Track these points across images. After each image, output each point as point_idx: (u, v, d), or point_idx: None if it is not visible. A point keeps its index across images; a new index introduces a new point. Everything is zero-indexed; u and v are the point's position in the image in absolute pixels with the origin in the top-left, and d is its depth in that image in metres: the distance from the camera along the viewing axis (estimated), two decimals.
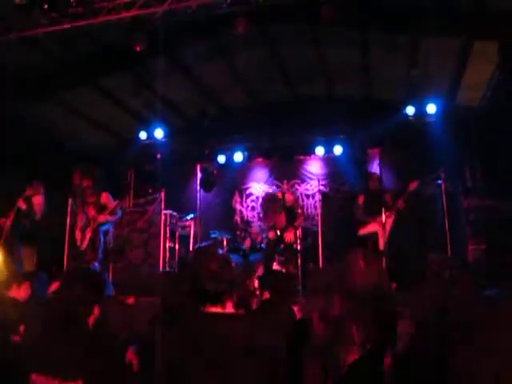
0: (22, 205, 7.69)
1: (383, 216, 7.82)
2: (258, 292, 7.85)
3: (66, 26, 7.16)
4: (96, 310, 2.71)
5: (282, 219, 8.03)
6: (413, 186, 8.09)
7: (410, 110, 10.23)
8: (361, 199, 8.41)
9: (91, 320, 2.68)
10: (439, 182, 8.73)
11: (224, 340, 2.20)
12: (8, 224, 7.62)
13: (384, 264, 7.22)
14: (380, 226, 7.91)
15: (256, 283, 8.02)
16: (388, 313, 2.56)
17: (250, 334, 2.22)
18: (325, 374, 2.49)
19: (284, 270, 7.76)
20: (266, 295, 4.35)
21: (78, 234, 7.70)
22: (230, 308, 2.32)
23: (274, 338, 2.32)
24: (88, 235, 7.58)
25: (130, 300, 5.23)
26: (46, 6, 6.98)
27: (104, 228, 7.79)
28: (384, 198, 8.22)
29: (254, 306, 4.63)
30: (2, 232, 7.63)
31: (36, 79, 8.95)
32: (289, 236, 7.86)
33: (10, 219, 7.63)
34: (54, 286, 5.17)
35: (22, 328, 4.60)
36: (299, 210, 8.13)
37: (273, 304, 3.98)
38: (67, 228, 9.48)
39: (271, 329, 2.40)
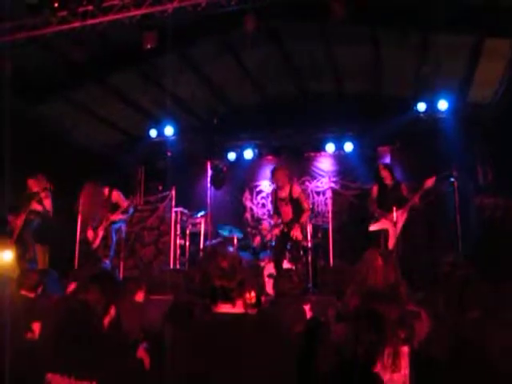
0: (37, 206, 7.77)
1: (394, 214, 7.70)
2: (267, 289, 7.89)
3: (76, 24, 7.19)
4: (112, 311, 2.72)
5: (288, 211, 7.96)
6: (429, 182, 7.70)
7: (422, 107, 10.18)
8: (375, 191, 8.22)
9: (107, 320, 2.69)
10: (451, 179, 8.65)
11: (234, 340, 2.20)
12: (19, 223, 7.68)
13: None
14: (391, 224, 7.77)
15: (266, 280, 8.05)
16: (406, 312, 2.55)
17: (260, 334, 2.21)
18: (340, 374, 2.48)
19: (294, 268, 7.73)
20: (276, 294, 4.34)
21: (90, 233, 7.73)
22: (240, 307, 2.31)
23: (284, 337, 2.31)
24: (100, 233, 7.62)
25: (139, 297, 5.22)
26: (56, 5, 7.00)
27: (116, 226, 7.82)
28: (400, 190, 8.05)
29: (265, 304, 4.63)
30: (13, 231, 7.69)
31: (46, 78, 8.98)
32: (296, 234, 7.76)
33: (22, 218, 7.69)
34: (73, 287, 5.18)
35: (35, 325, 4.63)
36: (305, 205, 8.00)
37: (282, 303, 3.96)
38: (78, 226, 9.55)
39: (281, 328, 2.39)
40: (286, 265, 8.00)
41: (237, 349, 2.16)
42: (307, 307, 4.01)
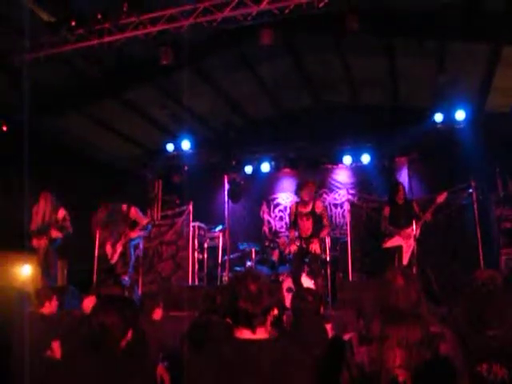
0: (58, 234, 7.84)
1: (409, 230, 7.67)
2: (286, 304, 7.82)
3: (94, 41, 7.26)
4: (129, 334, 2.70)
5: (308, 226, 7.89)
6: (441, 198, 7.78)
7: (439, 117, 10.09)
8: (387, 211, 8.26)
9: (123, 342, 2.67)
10: (470, 191, 8.56)
11: (254, 366, 2.16)
12: (43, 244, 7.76)
13: None
14: (405, 240, 7.77)
15: (285, 295, 7.98)
16: (429, 333, 2.49)
17: (280, 359, 2.17)
18: None
19: (313, 283, 7.66)
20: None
21: (108, 249, 7.76)
22: (261, 334, 2.27)
23: (305, 361, 2.26)
24: (119, 249, 7.63)
25: (157, 314, 5.20)
26: (73, 24, 7.07)
27: (134, 242, 7.84)
28: (412, 207, 8.05)
29: (286, 320, 4.59)
30: (38, 250, 7.77)
31: (65, 94, 9.08)
32: (314, 247, 7.70)
33: (45, 241, 7.77)
34: (88, 302, 5.19)
35: (55, 344, 4.63)
36: (326, 221, 7.94)
37: (303, 324, 3.91)
38: (97, 242, 9.57)
39: (302, 352, 2.34)
40: (304, 278, 7.93)
41: (256, 376, 2.12)
42: (329, 326, 3.96)
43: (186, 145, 11.71)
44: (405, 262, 7.66)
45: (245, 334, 2.25)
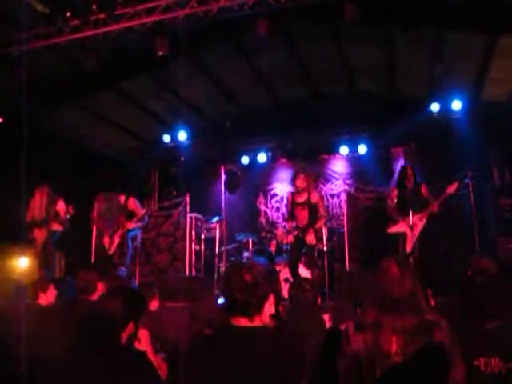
0: (59, 227, 7.82)
1: (411, 217, 7.54)
2: (284, 294, 7.84)
3: (89, 32, 7.22)
4: (130, 327, 2.69)
5: (304, 216, 7.88)
6: (452, 188, 7.52)
7: (435, 107, 10.10)
8: (394, 194, 7.98)
9: (124, 336, 2.66)
10: (466, 181, 8.56)
11: (253, 352, 2.18)
12: (42, 235, 7.75)
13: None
14: (409, 228, 7.63)
15: (282, 286, 8.01)
16: (424, 321, 2.50)
17: (278, 348, 2.18)
18: None
19: (310, 273, 7.67)
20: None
21: (106, 240, 7.77)
22: (257, 322, 2.29)
23: (303, 350, 2.28)
24: (116, 241, 7.65)
25: (153, 305, 5.20)
26: (68, 14, 7.03)
27: (132, 233, 7.85)
28: (420, 192, 7.79)
29: (282, 313, 4.60)
30: (37, 241, 7.76)
31: (61, 85, 9.04)
32: (309, 238, 7.66)
33: (44, 233, 7.76)
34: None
35: (53, 334, 4.62)
36: (322, 211, 7.91)
37: (301, 314, 3.93)
38: (94, 233, 9.58)
39: (300, 341, 2.36)
40: (301, 269, 7.94)
41: (255, 363, 2.13)
42: (326, 317, 3.98)
43: (182, 136, 11.70)
44: (408, 249, 7.55)
45: (242, 322, 2.28)
